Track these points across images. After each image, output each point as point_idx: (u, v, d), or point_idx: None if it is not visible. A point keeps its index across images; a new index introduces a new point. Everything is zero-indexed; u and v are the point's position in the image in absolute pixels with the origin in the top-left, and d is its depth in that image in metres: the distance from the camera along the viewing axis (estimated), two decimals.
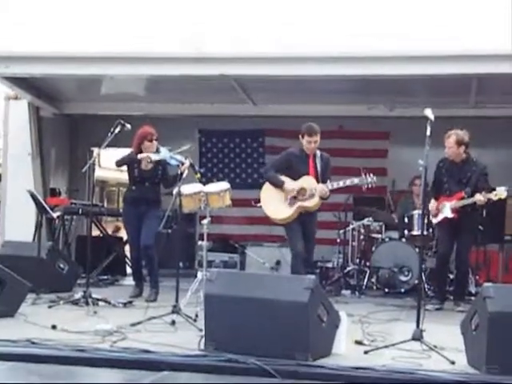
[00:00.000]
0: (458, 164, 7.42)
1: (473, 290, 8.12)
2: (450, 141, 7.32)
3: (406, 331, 5.14)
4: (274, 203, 7.18)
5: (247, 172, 11.23)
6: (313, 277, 4.81)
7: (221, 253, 9.96)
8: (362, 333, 5.60)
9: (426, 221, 7.67)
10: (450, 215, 7.35)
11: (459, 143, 7.28)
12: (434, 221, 7.56)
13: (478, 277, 8.53)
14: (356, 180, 7.09)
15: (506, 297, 4.48)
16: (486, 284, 4.62)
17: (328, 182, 7.09)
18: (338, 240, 8.97)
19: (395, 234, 9.07)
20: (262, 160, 11.18)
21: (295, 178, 7.15)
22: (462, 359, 4.69)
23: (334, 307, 5.03)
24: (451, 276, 8.04)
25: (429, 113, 5.49)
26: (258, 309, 4.72)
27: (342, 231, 8.99)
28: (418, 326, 5.03)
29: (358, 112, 9.60)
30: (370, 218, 9.09)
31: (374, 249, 8.87)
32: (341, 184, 7.12)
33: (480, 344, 4.41)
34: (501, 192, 7.18)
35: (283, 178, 7.17)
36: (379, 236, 9.08)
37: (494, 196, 7.18)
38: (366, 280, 8.68)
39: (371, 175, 7.11)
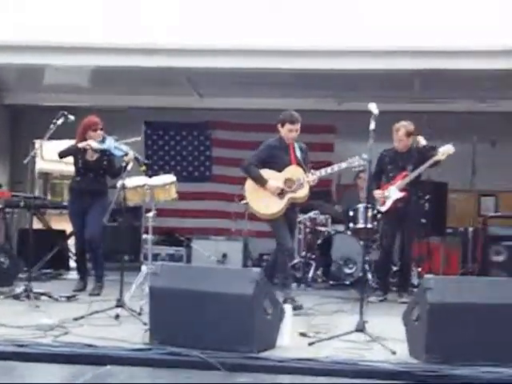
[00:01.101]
0: (402, 153, 7.52)
1: (415, 281, 8.24)
2: (400, 134, 7.41)
3: (350, 323, 5.20)
4: (264, 198, 6.78)
5: (194, 165, 11.21)
6: (258, 269, 4.83)
7: (167, 246, 9.92)
8: (306, 325, 5.65)
9: (370, 214, 7.77)
10: (398, 195, 7.38)
11: (408, 134, 7.42)
12: (383, 209, 7.52)
13: (420, 269, 8.67)
14: (344, 164, 6.76)
15: (446, 288, 4.58)
16: (427, 276, 4.71)
17: (313, 170, 6.83)
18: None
19: (341, 227, 9.16)
20: (208, 153, 11.19)
21: (278, 169, 6.83)
22: (403, 349, 4.77)
23: (279, 300, 5.06)
24: (394, 268, 8.17)
25: (373, 107, 5.54)
26: (202, 302, 4.71)
27: None
28: (361, 317, 5.10)
29: (304, 105, 9.63)
30: (317, 211, 9.15)
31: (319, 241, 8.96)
32: (329, 170, 6.85)
33: (420, 334, 4.50)
34: (446, 149, 7.16)
35: (266, 172, 6.80)
36: (325, 229, 9.15)
37: (441, 156, 7.20)
38: (311, 272, 8.74)
39: (357, 157, 6.78)
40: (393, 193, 7.43)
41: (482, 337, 4.42)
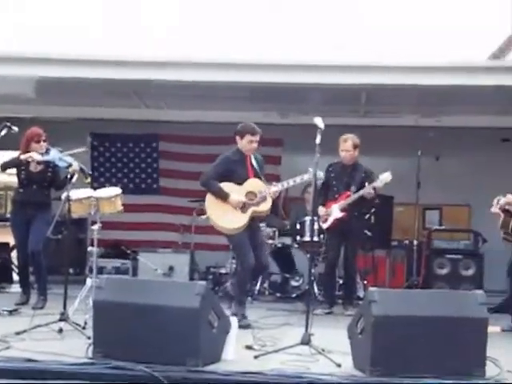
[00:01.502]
0: (347, 169, 7.61)
1: (361, 294, 8.28)
2: (348, 145, 7.51)
3: (296, 336, 5.20)
4: (226, 213, 6.57)
5: (141, 177, 11.13)
6: (204, 283, 4.82)
7: (112, 259, 9.80)
8: (252, 338, 5.63)
9: (316, 227, 7.82)
10: (338, 215, 7.51)
11: (355, 146, 7.52)
12: (324, 226, 7.67)
13: (366, 281, 8.76)
14: (306, 176, 6.53)
15: (390, 301, 4.62)
16: (371, 288, 4.75)
17: (275, 182, 6.73)
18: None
19: (288, 240, 9.19)
20: (155, 165, 11.12)
21: (236, 182, 6.65)
22: (348, 362, 4.80)
23: (225, 313, 5.04)
24: (341, 281, 8.23)
25: (318, 121, 5.58)
26: (148, 315, 4.66)
27: None
28: (306, 330, 5.11)
29: (251, 118, 9.59)
30: (264, 224, 9.15)
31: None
32: (291, 183, 6.69)
33: (365, 347, 4.53)
34: (385, 177, 7.34)
35: (226, 185, 6.62)
36: (272, 242, 9.16)
37: (379, 183, 7.37)
38: (258, 285, 8.75)
39: (319, 171, 6.46)
40: (334, 212, 7.56)
41: (426, 349, 4.47)
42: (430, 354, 4.46)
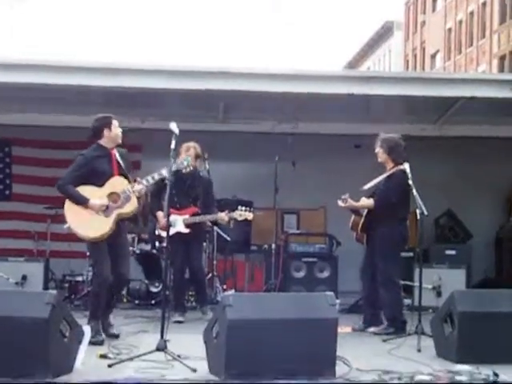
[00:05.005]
0: (186, 178, 7.38)
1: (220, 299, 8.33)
2: (191, 154, 7.23)
3: (153, 342, 5.15)
4: (89, 219, 6.03)
5: None
6: (54, 292, 4.68)
7: None
8: (107, 346, 5.53)
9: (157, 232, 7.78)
10: (184, 230, 7.43)
11: (198, 156, 7.42)
12: (164, 234, 7.36)
13: (225, 286, 8.81)
14: (163, 171, 6.08)
15: (245, 305, 4.70)
16: (226, 293, 4.79)
17: (139, 179, 6.21)
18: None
19: (148, 247, 9.08)
20: (8, 171, 10.68)
21: (100, 182, 6.11)
22: (204, 367, 4.81)
23: (77, 322, 4.91)
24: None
25: (174, 127, 5.57)
26: None
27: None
28: (162, 336, 5.08)
29: None
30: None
31: None
32: (150, 180, 6.19)
33: (220, 351, 4.56)
34: (246, 214, 7.45)
35: (86, 189, 6.09)
36: (132, 249, 8.99)
37: (238, 216, 7.46)
38: None
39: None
40: (178, 225, 7.45)
41: (279, 351, 4.57)
42: (282, 356, 4.55)
